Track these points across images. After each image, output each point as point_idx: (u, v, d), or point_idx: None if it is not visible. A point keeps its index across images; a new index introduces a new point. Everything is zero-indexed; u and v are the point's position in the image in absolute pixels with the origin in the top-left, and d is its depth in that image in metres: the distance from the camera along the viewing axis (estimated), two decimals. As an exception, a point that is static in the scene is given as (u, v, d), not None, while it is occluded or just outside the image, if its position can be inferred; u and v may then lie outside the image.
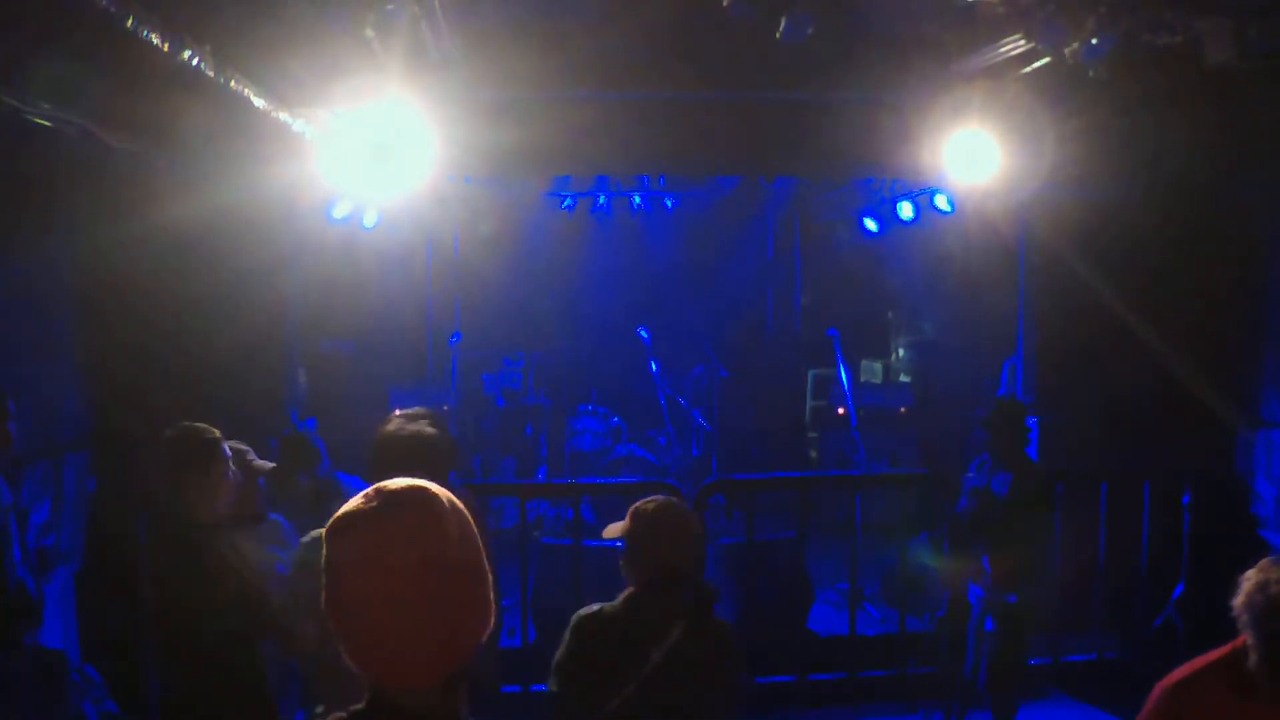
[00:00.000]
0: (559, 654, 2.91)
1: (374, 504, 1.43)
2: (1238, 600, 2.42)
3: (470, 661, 1.45)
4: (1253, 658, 2.38)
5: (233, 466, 3.29)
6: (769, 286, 10.58)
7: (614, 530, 3.03)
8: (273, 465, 3.78)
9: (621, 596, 2.94)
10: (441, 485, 1.49)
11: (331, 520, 1.44)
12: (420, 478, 1.50)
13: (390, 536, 1.40)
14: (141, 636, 3.05)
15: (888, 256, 9.27)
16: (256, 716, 3.15)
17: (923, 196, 7.53)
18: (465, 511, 1.49)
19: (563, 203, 9.16)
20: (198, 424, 3.28)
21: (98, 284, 5.33)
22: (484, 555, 1.49)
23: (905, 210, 7.89)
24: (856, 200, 8.88)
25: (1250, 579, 2.42)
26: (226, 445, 3.31)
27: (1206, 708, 2.50)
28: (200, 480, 3.16)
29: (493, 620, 1.49)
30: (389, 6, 3.63)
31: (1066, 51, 3.97)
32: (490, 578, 1.50)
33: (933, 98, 5.01)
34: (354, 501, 1.45)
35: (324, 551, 1.43)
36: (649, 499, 3.00)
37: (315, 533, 2.93)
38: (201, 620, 2.97)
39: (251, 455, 3.63)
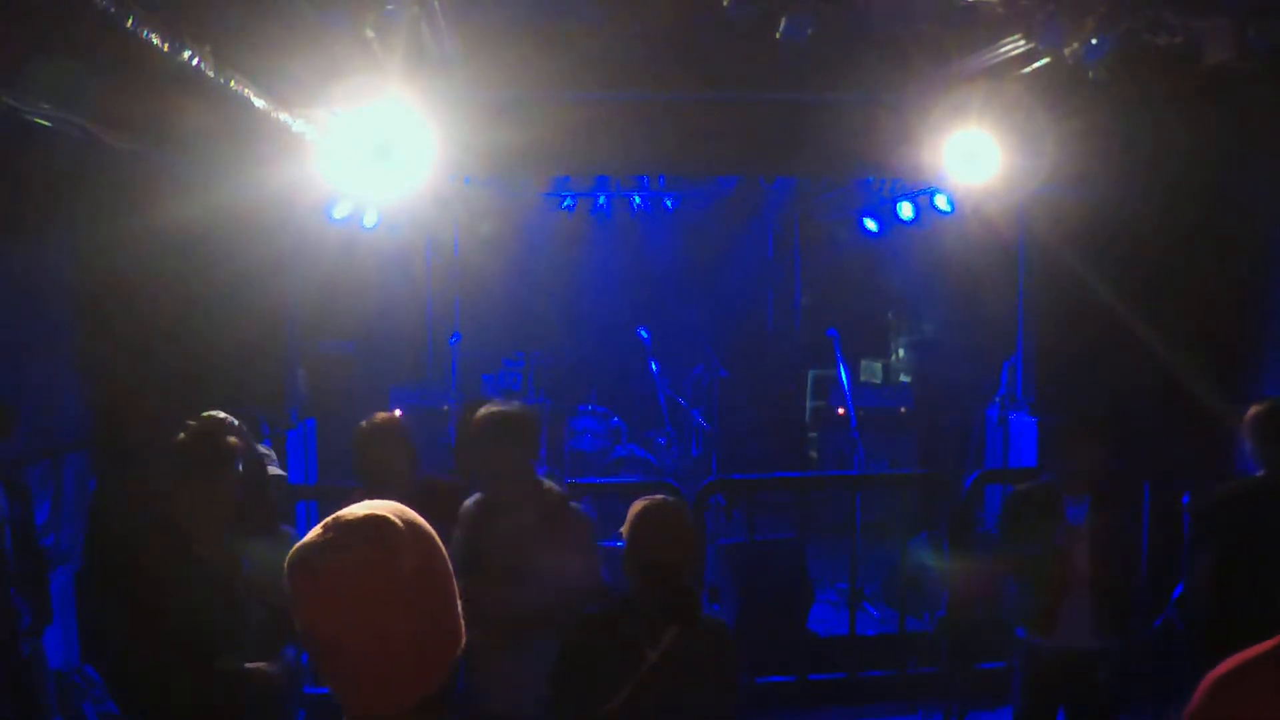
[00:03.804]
0: (557, 656, 2.91)
1: (329, 535, 1.40)
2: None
3: (446, 683, 1.43)
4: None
5: (243, 472, 3.21)
6: (769, 286, 10.58)
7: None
8: (281, 474, 3.70)
9: (618, 597, 2.94)
10: None
11: (289, 554, 1.41)
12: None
13: (346, 567, 1.37)
14: (138, 636, 3.02)
15: (888, 256, 9.27)
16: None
17: (923, 196, 7.53)
18: (431, 536, 1.47)
19: (563, 203, 9.16)
20: (219, 423, 3.22)
21: (98, 283, 5.33)
22: (450, 576, 1.47)
23: (905, 210, 7.88)
24: (856, 200, 8.87)
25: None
26: (247, 447, 3.23)
27: (1260, 701, 2.45)
28: (203, 485, 3.10)
29: (462, 641, 1.47)
30: (389, 6, 3.62)
31: (1066, 52, 3.96)
32: (457, 598, 1.47)
33: (933, 98, 5.01)
34: (311, 533, 1.42)
35: (287, 586, 1.41)
36: (646, 498, 3.00)
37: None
38: (184, 622, 2.94)
39: (272, 460, 3.57)
